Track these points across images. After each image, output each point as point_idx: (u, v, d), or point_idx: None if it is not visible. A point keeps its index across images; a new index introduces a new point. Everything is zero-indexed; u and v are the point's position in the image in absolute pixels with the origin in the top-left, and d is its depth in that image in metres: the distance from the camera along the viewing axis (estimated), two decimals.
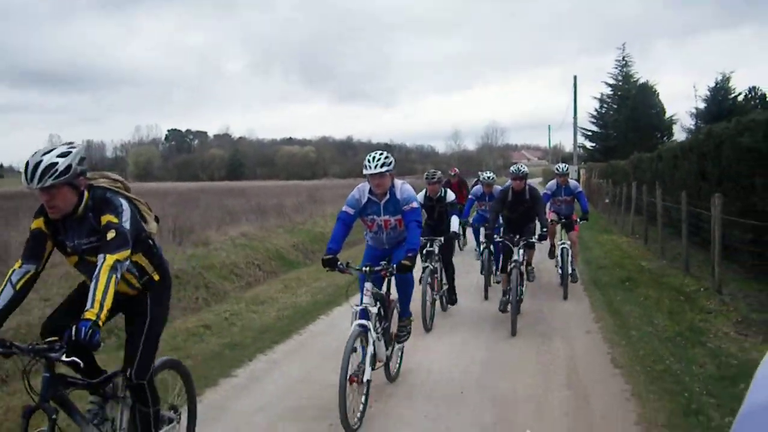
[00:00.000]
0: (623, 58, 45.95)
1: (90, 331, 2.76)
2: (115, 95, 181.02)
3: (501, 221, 8.48)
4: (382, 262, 5.06)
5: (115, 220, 3.07)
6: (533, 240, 7.56)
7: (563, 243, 9.20)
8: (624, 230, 17.75)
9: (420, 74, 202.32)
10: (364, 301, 4.76)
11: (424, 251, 7.68)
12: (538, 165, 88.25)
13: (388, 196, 5.11)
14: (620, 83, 45.32)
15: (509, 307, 7.20)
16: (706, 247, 9.79)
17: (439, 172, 8.38)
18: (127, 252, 3.03)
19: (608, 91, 45.90)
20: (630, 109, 41.01)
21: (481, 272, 9.44)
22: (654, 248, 13.04)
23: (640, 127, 39.45)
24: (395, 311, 5.51)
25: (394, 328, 5.47)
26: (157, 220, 3.66)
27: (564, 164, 10.38)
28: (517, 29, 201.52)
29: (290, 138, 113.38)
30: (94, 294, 2.85)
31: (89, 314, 2.83)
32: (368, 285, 4.80)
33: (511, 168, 7.99)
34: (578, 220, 9.64)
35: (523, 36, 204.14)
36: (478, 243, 10.91)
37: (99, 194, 3.19)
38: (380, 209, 5.18)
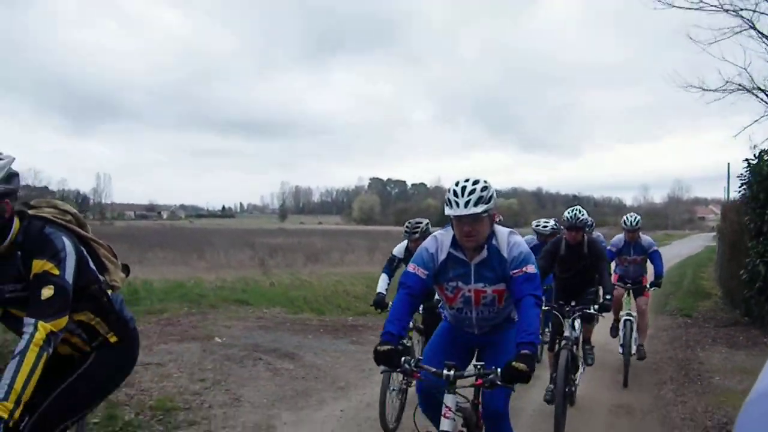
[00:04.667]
0: None
1: None
2: (308, 143, 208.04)
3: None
4: (477, 363, 2.89)
5: (55, 271, 2.26)
6: (591, 311, 5.39)
7: (628, 314, 6.97)
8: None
9: (605, 124, 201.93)
10: (443, 427, 2.76)
11: None
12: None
13: (485, 252, 3.03)
14: None
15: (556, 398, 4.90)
16: None
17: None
18: (66, 318, 2.25)
19: None
20: None
21: None
22: None
23: None
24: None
25: None
26: (126, 270, 2.81)
27: (634, 215, 7.30)
28: (705, 76, 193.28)
29: None
30: (12, 379, 2.04)
31: (0, 409, 2.01)
32: (450, 400, 2.78)
33: (566, 213, 5.68)
34: (649, 285, 7.23)
35: (712, 84, 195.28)
36: None
37: (35, 228, 2.35)
38: (470, 273, 3.09)
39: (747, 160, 9.83)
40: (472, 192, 2.93)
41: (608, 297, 5.33)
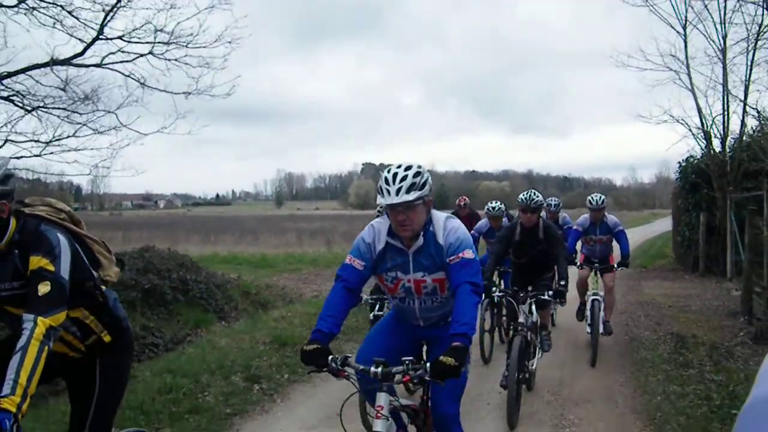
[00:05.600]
0: None
1: (12, 428, 2.04)
2: (298, 129, 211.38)
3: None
4: (406, 359, 2.71)
5: (51, 267, 2.37)
6: (545, 296, 5.27)
7: (595, 294, 7.04)
8: None
9: (595, 106, 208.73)
10: (375, 428, 2.67)
11: None
12: None
13: (421, 240, 2.97)
14: None
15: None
16: None
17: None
18: (64, 313, 2.36)
19: None
20: None
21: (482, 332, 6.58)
22: None
23: None
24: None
25: None
26: (121, 264, 2.94)
27: (599, 195, 7.42)
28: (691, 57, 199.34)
29: (473, 171, 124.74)
30: (17, 374, 2.13)
31: (8, 403, 2.08)
32: (383, 399, 2.69)
33: (520, 195, 5.58)
34: (617, 265, 7.30)
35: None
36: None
37: (30, 226, 2.48)
38: (408, 262, 3.02)
39: (679, 162, 15.27)
40: (404, 179, 2.80)
41: (563, 283, 5.24)
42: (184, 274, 10.19)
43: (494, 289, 6.09)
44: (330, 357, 2.67)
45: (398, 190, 2.81)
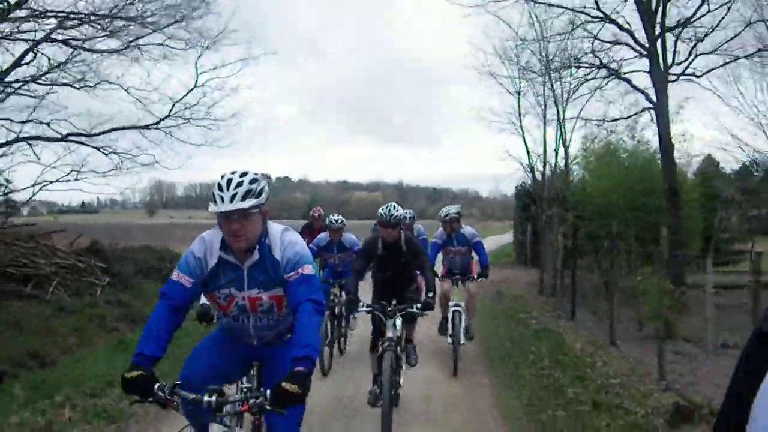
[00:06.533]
0: None
1: None
2: (166, 136, 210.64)
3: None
4: (244, 386, 2.92)
5: None
6: (414, 310, 5.24)
7: (456, 305, 7.24)
8: None
9: (462, 119, 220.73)
10: None
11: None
12: None
13: (257, 254, 2.85)
14: None
15: (380, 401, 4.89)
16: None
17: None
18: None
19: None
20: None
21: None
22: None
23: None
24: None
25: None
26: None
27: (452, 207, 7.67)
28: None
29: (345, 181, 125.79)
30: None
31: None
32: (216, 430, 2.67)
33: (380, 210, 5.46)
34: (476, 276, 7.57)
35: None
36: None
37: None
38: (243, 278, 2.89)
39: (516, 186, 21.71)
40: (239, 185, 2.67)
41: (431, 294, 5.30)
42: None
43: (333, 299, 7.14)
44: (157, 385, 2.48)
45: (233, 197, 2.65)
